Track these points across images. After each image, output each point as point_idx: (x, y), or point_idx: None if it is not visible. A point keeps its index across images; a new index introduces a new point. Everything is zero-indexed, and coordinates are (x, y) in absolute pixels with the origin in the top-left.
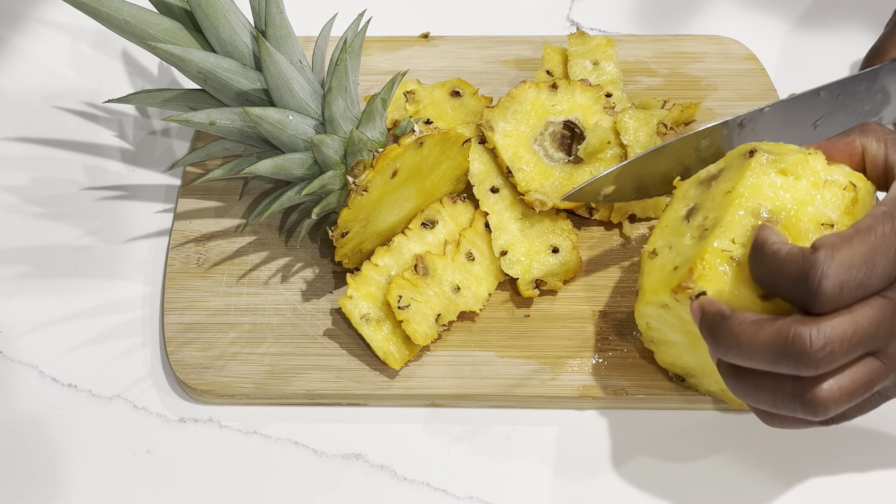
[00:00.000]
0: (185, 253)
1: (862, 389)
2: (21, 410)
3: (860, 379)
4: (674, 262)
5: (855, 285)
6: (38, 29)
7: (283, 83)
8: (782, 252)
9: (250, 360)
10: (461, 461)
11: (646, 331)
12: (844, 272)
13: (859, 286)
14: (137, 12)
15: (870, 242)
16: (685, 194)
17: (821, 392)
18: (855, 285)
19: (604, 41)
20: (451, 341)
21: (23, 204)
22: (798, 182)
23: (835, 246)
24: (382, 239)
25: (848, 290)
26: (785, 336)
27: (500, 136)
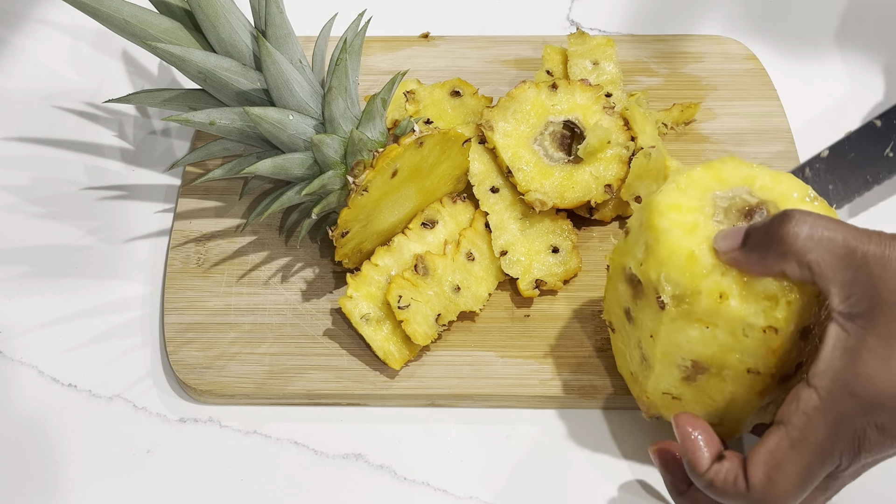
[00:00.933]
0: (185, 253)
1: (808, 500)
2: (21, 410)
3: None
4: (629, 364)
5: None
6: (38, 29)
7: (283, 83)
8: (717, 482)
9: (250, 360)
10: (461, 461)
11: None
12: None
13: (802, 494)
14: (137, 12)
15: (805, 457)
16: (616, 288)
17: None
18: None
19: (604, 41)
20: (451, 341)
21: (23, 204)
22: (715, 331)
23: (770, 480)
24: (382, 239)
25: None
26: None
27: (500, 136)
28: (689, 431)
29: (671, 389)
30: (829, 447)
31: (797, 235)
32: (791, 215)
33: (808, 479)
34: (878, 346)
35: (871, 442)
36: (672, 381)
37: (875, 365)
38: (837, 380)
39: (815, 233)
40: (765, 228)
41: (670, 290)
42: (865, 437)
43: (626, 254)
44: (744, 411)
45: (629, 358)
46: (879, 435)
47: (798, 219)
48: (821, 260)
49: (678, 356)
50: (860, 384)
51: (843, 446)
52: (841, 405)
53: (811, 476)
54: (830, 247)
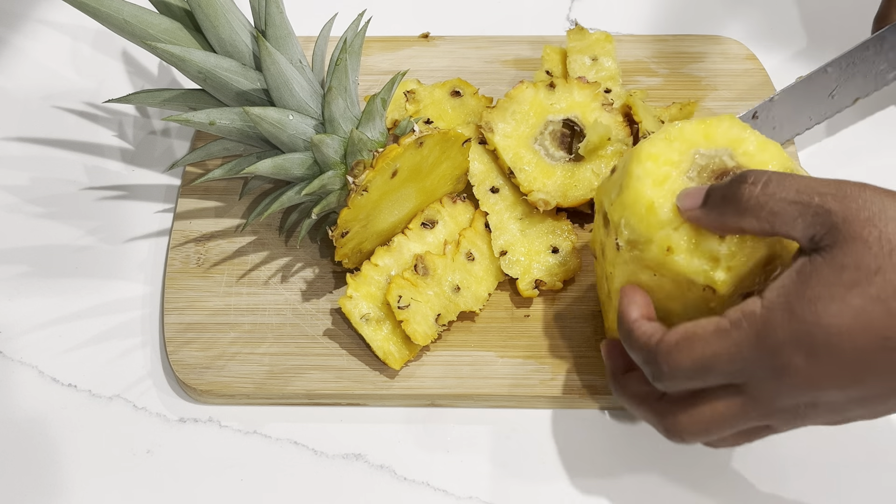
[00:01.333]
0: (185, 253)
1: (719, 422)
2: (21, 410)
3: (718, 412)
4: (601, 293)
5: (692, 379)
6: (38, 29)
7: (283, 83)
8: (636, 333)
9: (250, 360)
10: (461, 461)
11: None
12: (680, 374)
13: (696, 379)
14: (137, 12)
15: (719, 345)
16: (597, 221)
17: (676, 420)
18: (692, 379)
19: (602, 37)
20: (450, 341)
21: (23, 204)
22: (662, 280)
23: (678, 346)
24: (382, 239)
25: (685, 381)
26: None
27: (501, 137)
28: (630, 294)
29: None
30: (745, 350)
31: (752, 193)
32: (747, 175)
33: (709, 366)
34: (831, 276)
35: (793, 374)
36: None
37: (822, 292)
38: (783, 295)
39: (770, 188)
40: (723, 189)
41: (626, 234)
42: (790, 365)
43: (605, 192)
44: None
45: (601, 287)
46: (806, 368)
47: (754, 177)
48: (778, 210)
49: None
50: (801, 306)
51: (760, 360)
52: (776, 318)
53: (714, 365)
54: (786, 196)
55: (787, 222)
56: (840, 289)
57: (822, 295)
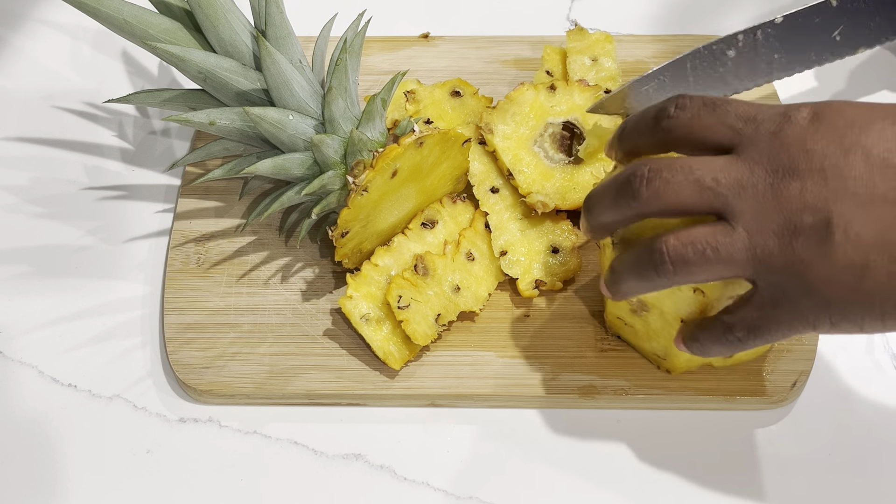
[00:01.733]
0: (185, 253)
1: (702, 244)
2: (21, 410)
3: (702, 233)
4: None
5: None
6: (38, 29)
7: (283, 83)
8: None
9: (250, 360)
10: (461, 461)
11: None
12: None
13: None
14: (137, 12)
15: (693, 174)
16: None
17: (663, 240)
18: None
19: (602, 37)
20: (450, 341)
21: (23, 204)
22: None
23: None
24: (382, 239)
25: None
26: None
27: (500, 138)
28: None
29: (623, 317)
30: (720, 188)
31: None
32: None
33: (692, 190)
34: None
35: (792, 131)
36: (623, 311)
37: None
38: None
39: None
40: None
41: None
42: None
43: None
44: (680, 353)
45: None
46: (805, 127)
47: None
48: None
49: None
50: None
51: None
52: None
53: (697, 188)
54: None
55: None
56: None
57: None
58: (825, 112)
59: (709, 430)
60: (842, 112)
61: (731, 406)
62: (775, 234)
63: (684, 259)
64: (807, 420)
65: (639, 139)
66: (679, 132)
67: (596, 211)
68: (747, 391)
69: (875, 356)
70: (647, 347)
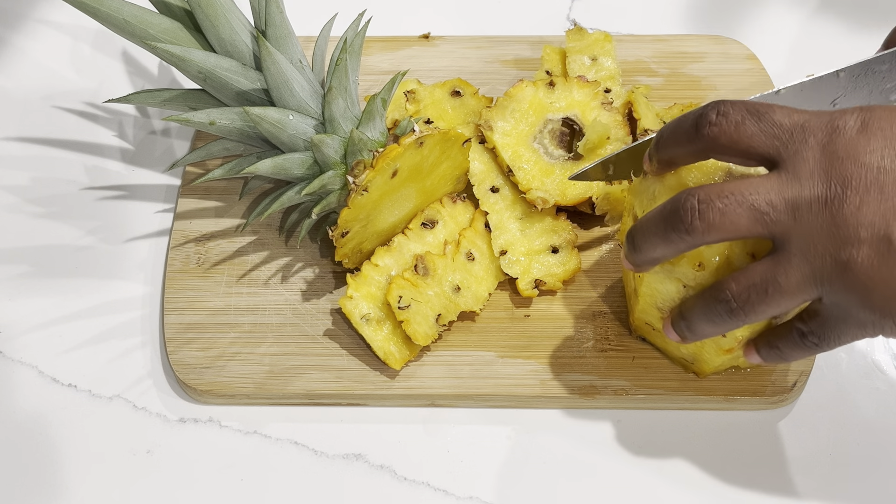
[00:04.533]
0: (185, 253)
1: (763, 283)
2: (21, 410)
3: (759, 272)
4: (627, 285)
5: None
6: (38, 29)
7: (283, 83)
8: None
9: (250, 360)
10: (461, 461)
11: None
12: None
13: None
14: (137, 12)
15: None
16: (628, 219)
17: (725, 287)
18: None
19: (602, 37)
20: (451, 341)
21: (23, 204)
22: (689, 292)
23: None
24: (382, 239)
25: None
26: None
27: (500, 135)
28: None
29: (652, 322)
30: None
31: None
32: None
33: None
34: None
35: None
36: (652, 317)
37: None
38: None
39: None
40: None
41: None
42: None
43: (637, 192)
44: (711, 358)
45: (627, 282)
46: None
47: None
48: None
49: (658, 300)
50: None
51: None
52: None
53: (752, 214)
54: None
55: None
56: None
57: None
58: (874, 119)
59: (709, 430)
60: (892, 119)
61: (731, 406)
62: (832, 255)
63: (750, 301)
64: (807, 420)
65: (677, 148)
66: (722, 140)
67: (645, 248)
68: (747, 391)
69: (875, 356)
70: (675, 352)
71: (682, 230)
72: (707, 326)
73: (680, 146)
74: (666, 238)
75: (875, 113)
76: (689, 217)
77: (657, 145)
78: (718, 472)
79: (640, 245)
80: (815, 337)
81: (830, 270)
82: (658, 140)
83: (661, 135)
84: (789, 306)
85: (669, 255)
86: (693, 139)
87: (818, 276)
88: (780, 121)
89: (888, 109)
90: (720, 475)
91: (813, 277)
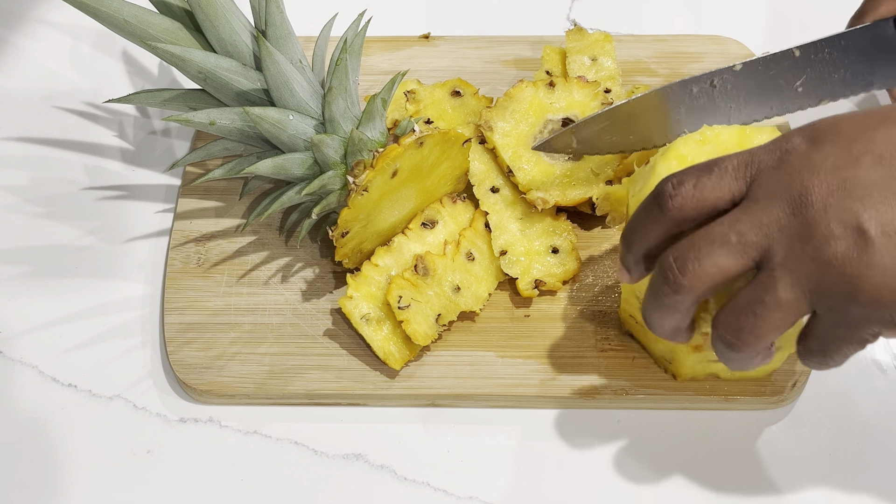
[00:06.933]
0: (185, 253)
1: (749, 307)
2: (21, 410)
3: (744, 297)
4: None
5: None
6: (38, 29)
7: (283, 83)
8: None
9: (250, 360)
10: (461, 461)
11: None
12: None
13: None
14: (137, 12)
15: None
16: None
17: (716, 323)
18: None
19: (602, 37)
20: (451, 341)
21: (23, 204)
22: None
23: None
24: (382, 239)
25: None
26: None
27: (500, 135)
28: None
29: (636, 314)
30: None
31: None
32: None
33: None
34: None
35: (794, 154)
36: (635, 308)
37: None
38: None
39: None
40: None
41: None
42: (791, 147)
43: (633, 182)
44: (684, 357)
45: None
46: (806, 150)
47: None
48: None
49: (636, 288)
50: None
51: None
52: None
53: (727, 250)
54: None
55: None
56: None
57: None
58: (820, 131)
59: (709, 430)
60: (838, 128)
61: (731, 406)
62: (812, 258)
63: (742, 329)
64: (807, 420)
65: (649, 238)
66: (689, 205)
67: (656, 325)
68: (747, 391)
69: (875, 356)
70: (655, 349)
71: (671, 293)
72: (724, 361)
73: (651, 233)
74: (664, 307)
75: (820, 125)
76: (671, 278)
77: (627, 247)
78: (718, 472)
79: (653, 324)
80: (818, 354)
81: (814, 274)
82: (625, 243)
83: (627, 235)
84: (784, 323)
85: (681, 320)
86: (660, 220)
87: (804, 284)
88: (731, 163)
89: (833, 120)
90: (720, 475)
91: (799, 286)
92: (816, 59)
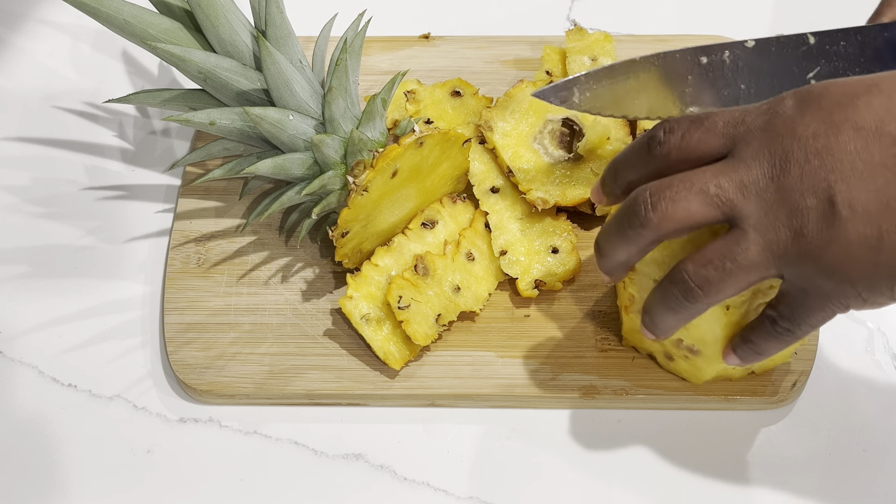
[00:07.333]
0: (185, 253)
1: (720, 259)
2: (21, 410)
3: (716, 249)
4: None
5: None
6: (38, 29)
7: (283, 83)
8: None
9: (250, 360)
10: (461, 461)
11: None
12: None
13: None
14: (137, 12)
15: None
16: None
17: (681, 268)
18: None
19: (602, 37)
20: (451, 341)
21: (23, 204)
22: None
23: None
24: (382, 239)
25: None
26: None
27: (500, 135)
28: None
29: (671, 350)
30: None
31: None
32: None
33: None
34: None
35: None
36: (658, 351)
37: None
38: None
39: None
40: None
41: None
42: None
43: None
44: (705, 366)
45: (619, 293)
46: (792, 113)
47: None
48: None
49: (637, 304)
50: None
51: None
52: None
53: (703, 198)
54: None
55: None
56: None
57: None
58: (809, 96)
59: (709, 430)
60: (826, 92)
61: (731, 406)
62: (785, 225)
63: (708, 280)
64: (807, 420)
65: (633, 174)
66: (674, 154)
67: (608, 252)
68: (747, 391)
69: (875, 356)
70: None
71: (637, 225)
72: (668, 315)
73: (635, 170)
74: (624, 236)
75: (812, 89)
76: (642, 211)
77: (613, 175)
78: (718, 472)
79: (603, 250)
80: (786, 321)
81: (785, 241)
82: (612, 170)
83: (614, 165)
84: (747, 282)
85: (633, 255)
86: (647, 161)
87: (774, 249)
88: (722, 120)
89: (823, 84)
90: (720, 475)
91: (770, 250)
92: (831, 50)
